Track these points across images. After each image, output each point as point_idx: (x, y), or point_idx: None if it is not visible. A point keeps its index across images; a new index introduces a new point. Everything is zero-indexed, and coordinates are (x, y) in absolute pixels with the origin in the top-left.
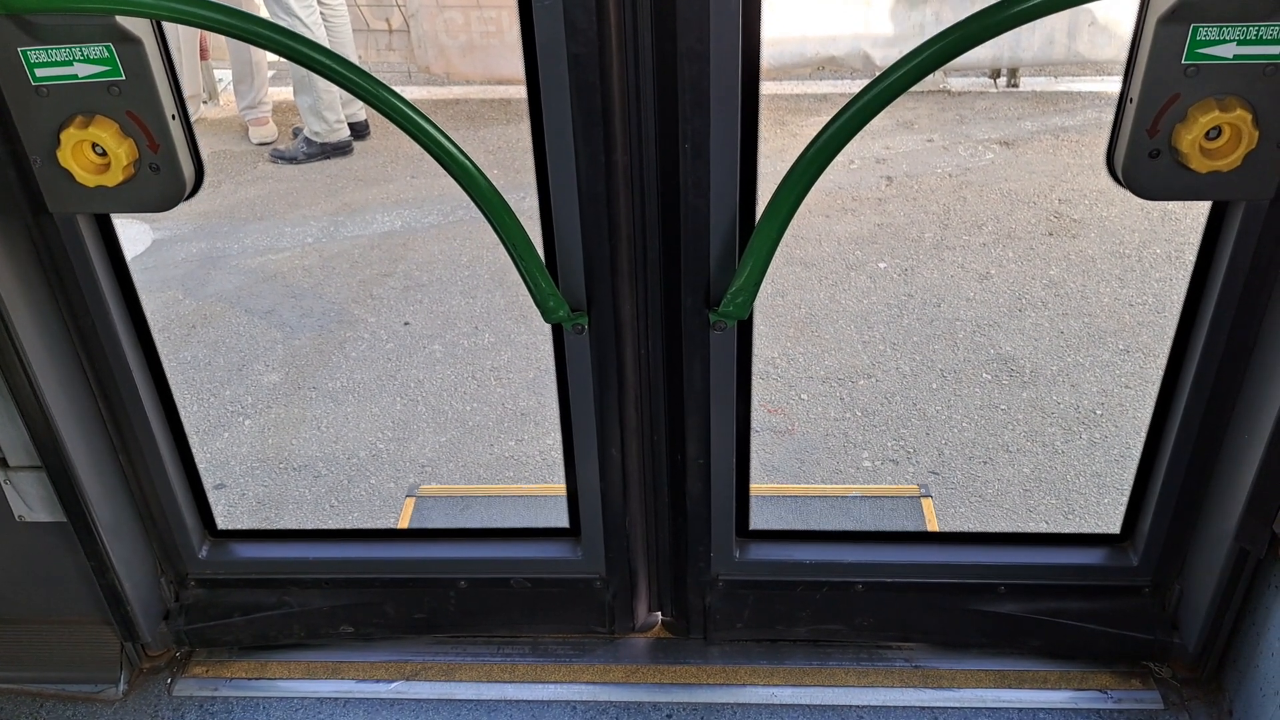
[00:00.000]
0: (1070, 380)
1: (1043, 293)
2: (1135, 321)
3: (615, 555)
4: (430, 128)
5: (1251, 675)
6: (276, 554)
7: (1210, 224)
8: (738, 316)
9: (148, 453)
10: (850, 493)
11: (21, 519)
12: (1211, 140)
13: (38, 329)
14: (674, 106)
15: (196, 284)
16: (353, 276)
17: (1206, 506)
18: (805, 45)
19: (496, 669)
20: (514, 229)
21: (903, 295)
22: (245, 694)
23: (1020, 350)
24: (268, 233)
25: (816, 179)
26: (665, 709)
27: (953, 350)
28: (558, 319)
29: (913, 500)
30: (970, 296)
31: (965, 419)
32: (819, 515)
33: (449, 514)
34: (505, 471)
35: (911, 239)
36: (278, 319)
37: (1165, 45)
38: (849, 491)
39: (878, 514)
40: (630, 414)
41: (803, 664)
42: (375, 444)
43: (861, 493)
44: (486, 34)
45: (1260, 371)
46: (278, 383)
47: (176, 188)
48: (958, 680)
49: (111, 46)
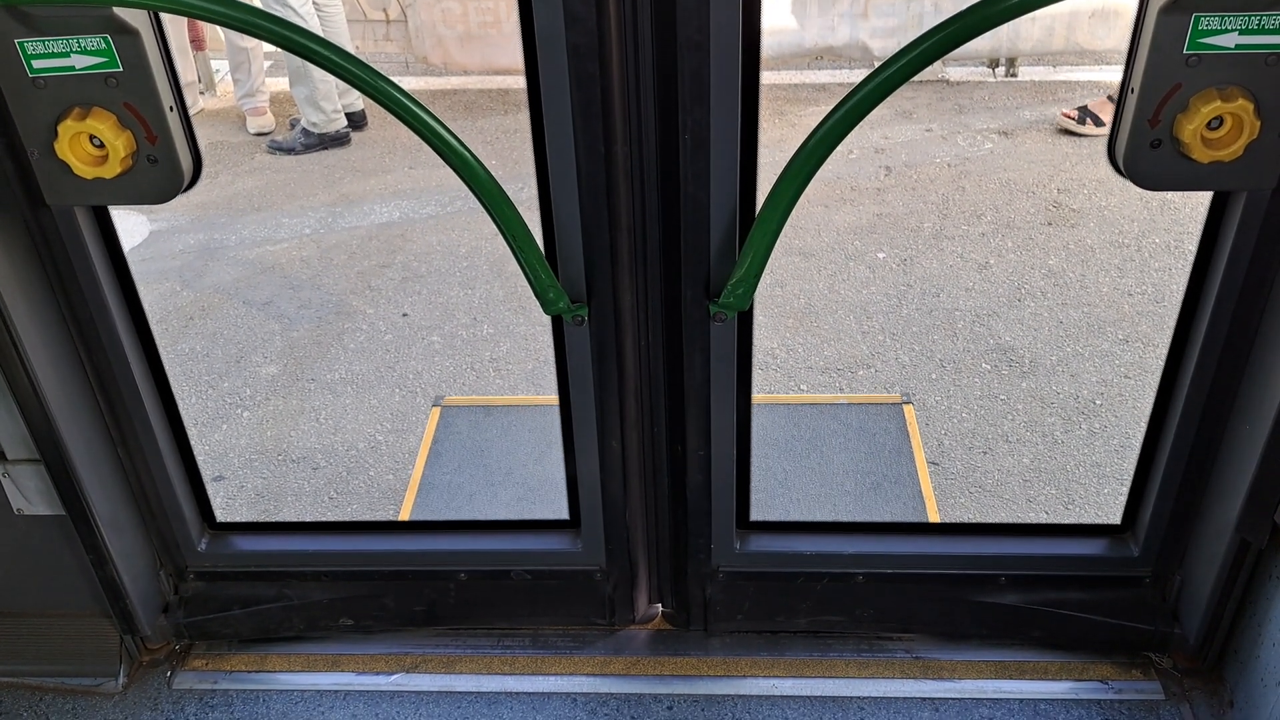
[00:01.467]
0: (1070, 370)
1: (1042, 282)
2: (1134, 311)
3: (615, 547)
4: (428, 118)
5: (1252, 666)
6: (276, 546)
7: (1211, 214)
8: (738, 308)
9: (146, 445)
10: (837, 400)
11: (20, 512)
12: (1213, 130)
13: (35, 322)
14: (674, 97)
15: (194, 275)
16: (351, 268)
17: (1207, 497)
18: (804, 35)
19: (496, 661)
20: (513, 220)
21: (902, 285)
22: (245, 687)
23: (1019, 340)
24: (265, 224)
25: (817, 170)
26: (666, 701)
27: (952, 340)
28: (557, 310)
29: (895, 407)
30: (969, 286)
31: (965, 409)
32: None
33: (473, 422)
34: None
35: (910, 229)
36: (276, 310)
37: (1167, 35)
38: (835, 400)
39: (861, 420)
40: (630, 405)
41: (803, 655)
42: (374, 435)
43: (848, 400)
44: (484, 24)
45: (1261, 362)
46: (276, 374)
47: (174, 179)
48: (958, 671)
49: (109, 38)
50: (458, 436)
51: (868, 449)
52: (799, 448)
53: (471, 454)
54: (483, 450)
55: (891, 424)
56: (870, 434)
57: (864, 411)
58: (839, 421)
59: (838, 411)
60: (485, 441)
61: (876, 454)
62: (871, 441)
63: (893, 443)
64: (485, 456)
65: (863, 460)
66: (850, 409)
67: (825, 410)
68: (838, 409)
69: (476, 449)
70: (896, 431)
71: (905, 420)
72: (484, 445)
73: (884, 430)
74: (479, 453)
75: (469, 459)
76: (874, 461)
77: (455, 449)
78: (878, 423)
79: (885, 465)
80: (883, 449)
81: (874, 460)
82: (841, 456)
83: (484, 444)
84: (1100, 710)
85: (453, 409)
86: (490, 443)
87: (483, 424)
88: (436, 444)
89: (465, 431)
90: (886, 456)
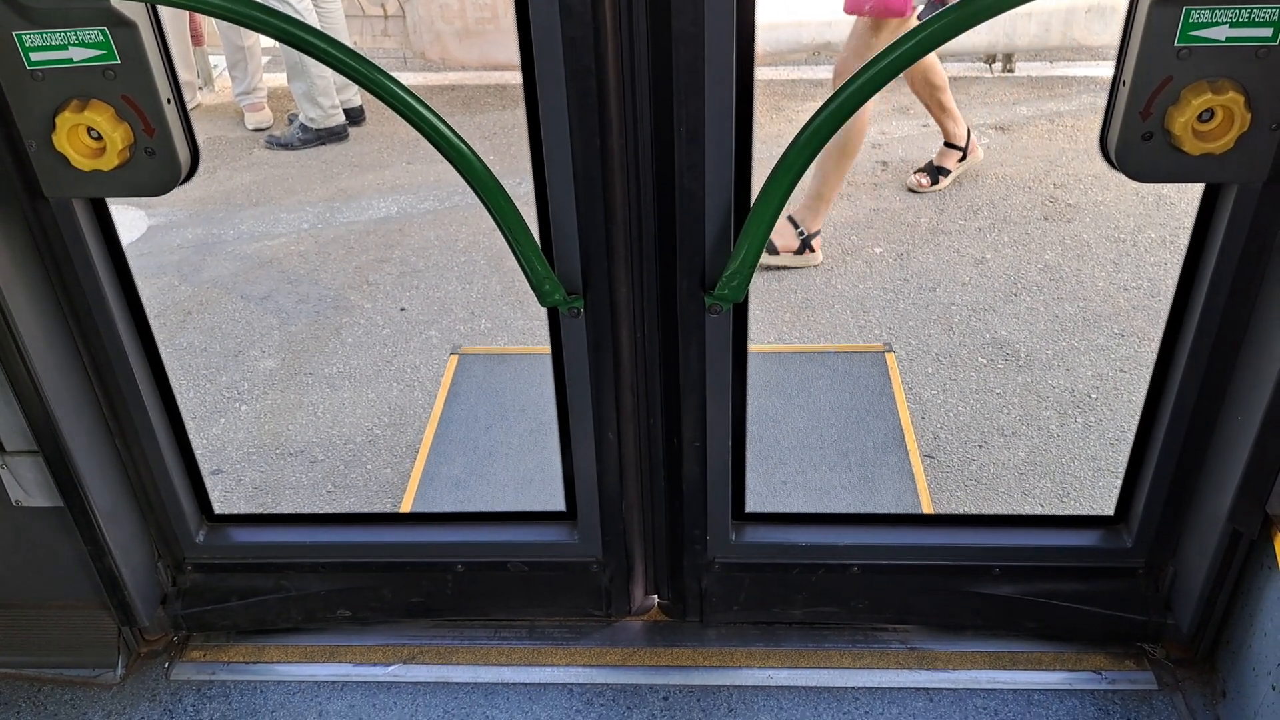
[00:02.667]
0: (1065, 364)
1: (1038, 277)
2: (1130, 306)
3: (611, 539)
4: (424, 110)
5: (1245, 656)
6: (274, 538)
7: (1203, 207)
8: (733, 299)
9: (144, 437)
10: (825, 350)
11: (18, 504)
12: (1204, 123)
13: (34, 314)
14: (669, 90)
15: (192, 270)
16: (349, 262)
17: (1200, 488)
18: (801, 31)
19: (493, 652)
20: (510, 212)
21: (898, 280)
22: (243, 678)
23: (1015, 334)
24: (263, 219)
25: (811, 162)
26: (662, 691)
27: (948, 335)
28: (553, 302)
29: (877, 355)
30: (965, 281)
31: (960, 403)
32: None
33: (491, 370)
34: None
35: (907, 224)
36: (274, 305)
37: (1158, 27)
38: (822, 349)
39: (846, 365)
40: (626, 397)
41: (799, 646)
42: (372, 429)
43: (834, 349)
44: (481, 19)
45: (1253, 354)
46: (274, 368)
47: (172, 172)
48: (953, 662)
49: (106, 30)
50: (474, 379)
51: (852, 389)
52: (789, 389)
53: (486, 394)
54: (498, 391)
55: (875, 369)
56: (855, 377)
57: (849, 358)
58: (826, 366)
59: (825, 358)
60: (500, 384)
61: (860, 394)
62: (856, 383)
63: (875, 385)
64: (500, 397)
65: (847, 399)
66: (836, 356)
67: (814, 357)
68: (825, 356)
69: (492, 390)
70: (879, 375)
71: (887, 365)
72: (499, 387)
73: (868, 374)
74: (494, 393)
75: (484, 398)
76: (858, 400)
77: (470, 391)
78: (862, 367)
79: (868, 403)
80: (866, 390)
81: (858, 399)
82: (829, 396)
83: (499, 386)
84: (1094, 700)
85: (470, 356)
86: (504, 384)
87: (497, 370)
88: (454, 387)
89: (481, 376)
90: (870, 396)
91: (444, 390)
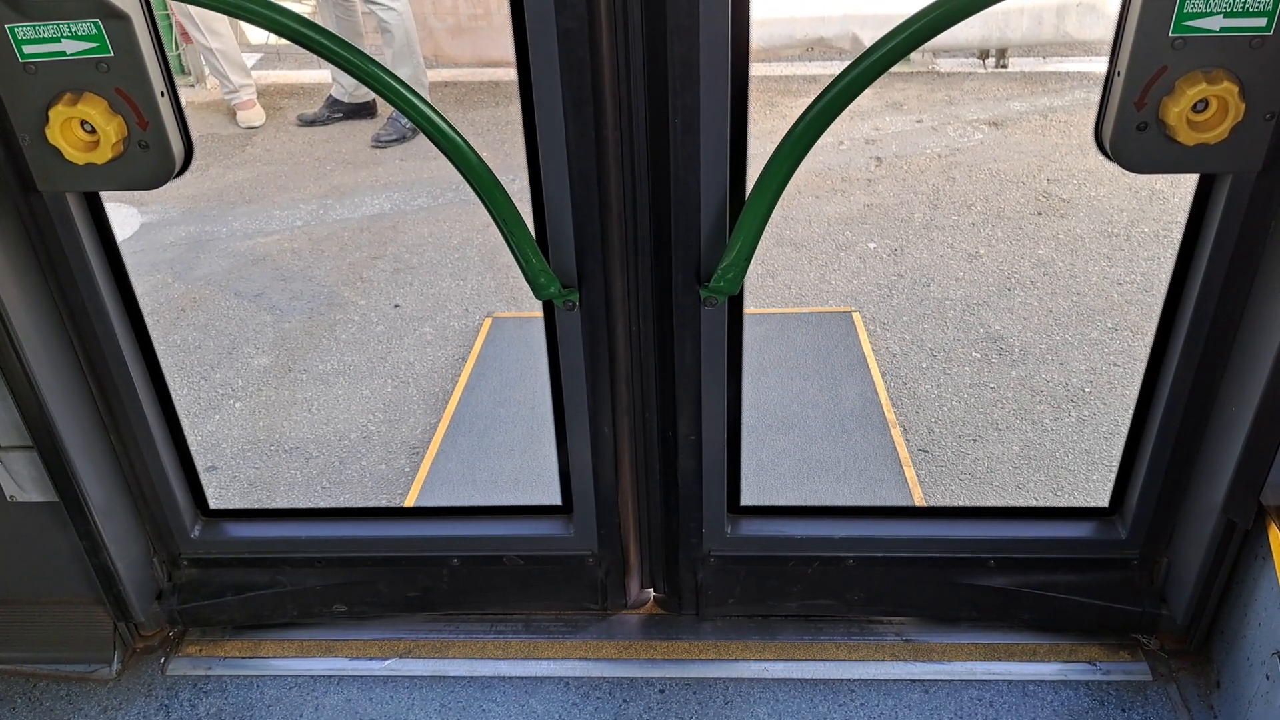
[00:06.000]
0: (1059, 358)
1: (1031, 272)
2: (1123, 300)
3: (607, 532)
4: (418, 102)
5: (1239, 646)
6: (269, 533)
7: (1197, 197)
8: (728, 292)
9: (139, 432)
10: (797, 311)
11: (13, 499)
12: (1198, 113)
13: (28, 309)
14: (664, 82)
15: (185, 267)
16: (342, 259)
17: (1194, 479)
18: (794, 26)
19: (489, 646)
20: (504, 205)
21: (892, 275)
22: (238, 673)
23: (1009, 329)
24: (256, 216)
25: (806, 153)
26: (658, 684)
27: (942, 329)
28: (549, 295)
29: (844, 315)
30: (959, 276)
31: (955, 397)
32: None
33: (523, 335)
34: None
35: (901, 219)
36: (267, 302)
37: (1152, 18)
38: (797, 310)
39: (814, 327)
40: (622, 390)
41: (794, 639)
42: (366, 426)
43: (799, 311)
44: (474, 16)
45: (1247, 344)
46: (268, 365)
47: (166, 165)
48: (948, 653)
49: (99, 23)
50: (505, 339)
51: (825, 344)
52: (767, 346)
53: (517, 350)
54: (528, 348)
55: (842, 326)
56: (827, 332)
57: (819, 318)
58: (802, 323)
59: (799, 319)
60: (527, 343)
61: (832, 350)
62: (827, 338)
63: (843, 340)
64: (531, 352)
65: (821, 354)
66: (807, 315)
67: (790, 317)
68: (799, 316)
69: (523, 347)
70: (847, 331)
71: (854, 324)
72: (528, 346)
73: (838, 331)
74: (525, 349)
75: (512, 356)
76: (829, 353)
77: (501, 350)
78: (832, 325)
79: (839, 357)
80: (835, 345)
81: (830, 354)
82: (805, 353)
83: (527, 345)
84: (1088, 691)
85: (502, 320)
86: (533, 342)
87: (525, 330)
88: (486, 348)
89: (510, 336)
90: (839, 351)
91: (474, 353)
